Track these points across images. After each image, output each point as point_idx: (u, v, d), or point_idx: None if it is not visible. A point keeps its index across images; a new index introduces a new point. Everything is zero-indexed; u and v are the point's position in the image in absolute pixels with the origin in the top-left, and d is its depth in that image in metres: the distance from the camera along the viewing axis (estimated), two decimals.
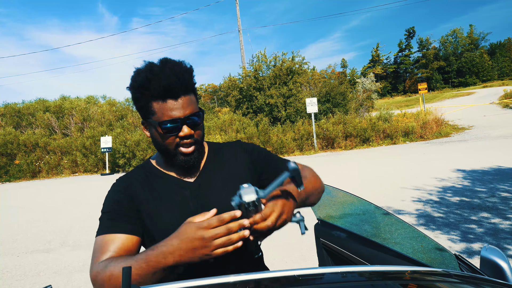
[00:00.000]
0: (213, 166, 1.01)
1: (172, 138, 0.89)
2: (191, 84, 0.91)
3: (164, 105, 0.87)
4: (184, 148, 0.91)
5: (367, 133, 12.17)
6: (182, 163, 0.92)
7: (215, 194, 0.95)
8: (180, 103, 0.88)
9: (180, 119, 0.88)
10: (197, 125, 0.92)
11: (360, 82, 19.40)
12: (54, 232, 4.89)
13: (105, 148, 12.81)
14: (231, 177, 0.99)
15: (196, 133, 0.92)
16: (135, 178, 0.97)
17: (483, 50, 64.51)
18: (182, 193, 0.94)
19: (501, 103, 20.31)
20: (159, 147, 0.93)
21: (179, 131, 0.89)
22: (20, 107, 17.54)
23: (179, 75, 0.86)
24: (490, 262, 0.89)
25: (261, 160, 1.05)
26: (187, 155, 0.91)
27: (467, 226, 3.48)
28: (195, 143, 0.92)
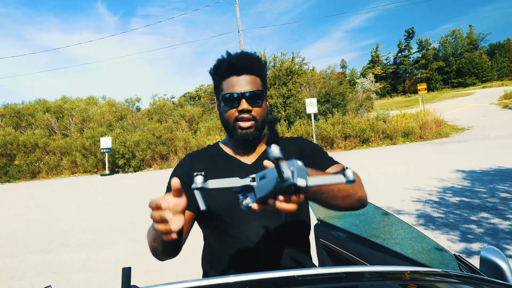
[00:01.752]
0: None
1: (232, 111, 0.96)
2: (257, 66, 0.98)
3: (229, 80, 0.97)
4: (242, 122, 0.95)
5: (366, 134, 12.18)
6: (239, 138, 0.97)
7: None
8: (242, 79, 0.96)
9: (240, 94, 0.95)
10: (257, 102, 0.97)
11: (359, 83, 19.41)
12: (54, 232, 4.88)
13: (104, 149, 12.81)
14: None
15: (255, 110, 0.97)
16: (201, 155, 1.05)
17: (483, 50, 64.56)
18: (239, 172, 0.97)
19: (500, 104, 20.33)
20: (223, 122, 1.00)
21: (238, 105, 0.95)
22: (19, 108, 17.52)
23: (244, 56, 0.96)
24: (490, 262, 0.89)
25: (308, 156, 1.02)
26: (244, 129, 0.95)
27: (467, 226, 3.48)
28: (253, 119, 0.96)
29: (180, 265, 3.20)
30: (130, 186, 9.20)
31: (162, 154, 13.24)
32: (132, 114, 16.85)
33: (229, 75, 0.97)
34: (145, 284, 2.82)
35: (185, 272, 3.05)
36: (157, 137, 13.37)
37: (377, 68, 71.05)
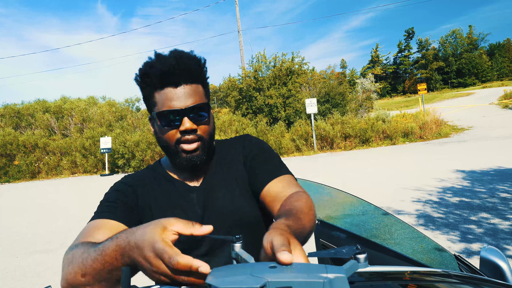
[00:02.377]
0: (220, 166, 0.92)
1: (173, 132, 0.80)
2: (197, 72, 0.81)
3: (163, 94, 0.78)
4: (186, 144, 0.80)
5: (366, 134, 12.18)
6: (184, 163, 0.82)
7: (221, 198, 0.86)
8: (181, 92, 0.78)
9: (181, 111, 0.77)
10: (203, 119, 0.81)
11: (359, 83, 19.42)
12: (53, 232, 4.88)
13: (104, 149, 12.81)
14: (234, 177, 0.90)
15: (201, 128, 0.81)
16: (143, 178, 0.91)
17: (483, 50, 64.59)
18: (188, 197, 0.87)
19: (500, 104, 20.33)
20: (161, 144, 0.84)
21: (179, 125, 0.78)
22: (19, 108, 17.52)
23: (180, 60, 0.77)
24: (490, 263, 0.89)
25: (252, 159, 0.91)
26: (189, 152, 0.80)
27: (467, 226, 3.48)
28: (199, 139, 0.81)
29: None
30: None
31: (162, 154, 13.24)
32: (132, 114, 16.84)
33: (162, 86, 0.78)
34: (145, 284, 2.82)
35: None
36: None
37: (377, 68, 71.07)
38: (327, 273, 0.42)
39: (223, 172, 0.91)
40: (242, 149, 0.94)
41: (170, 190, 0.88)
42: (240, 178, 0.90)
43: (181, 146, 0.80)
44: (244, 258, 0.52)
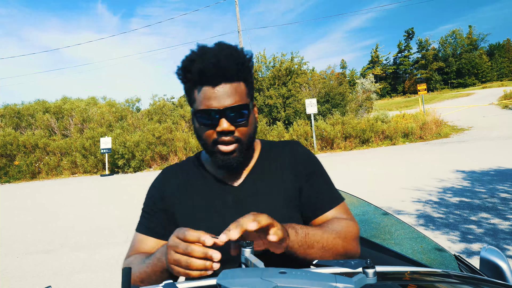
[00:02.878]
0: (262, 169, 0.87)
1: (210, 132, 0.77)
2: (239, 70, 0.76)
3: (202, 91, 0.76)
4: (222, 146, 0.77)
5: (366, 134, 12.18)
6: (220, 163, 0.79)
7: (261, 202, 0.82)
8: (219, 91, 0.74)
9: (218, 111, 0.74)
10: (241, 120, 0.77)
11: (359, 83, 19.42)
12: (54, 233, 4.88)
13: (104, 149, 12.81)
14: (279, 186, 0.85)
15: (239, 130, 0.78)
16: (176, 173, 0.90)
17: (482, 51, 64.62)
18: (224, 197, 0.83)
19: (500, 104, 20.33)
20: (199, 141, 0.82)
21: (216, 125, 0.76)
22: (19, 108, 17.51)
23: (220, 57, 0.73)
24: (490, 263, 0.89)
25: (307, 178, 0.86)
26: (226, 154, 0.78)
27: (467, 226, 3.48)
28: (236, 141, 0.78)
29: None
30: (130, 186, 9.19)
31: (162, 154, 13.24)
32: (132, 114, 16.84)
33: (201, 84, 0.75)
34: None
35: None
36: (157, 137, 13.37)
37: (377, 68, 71.10)
38: (336, 282, 0.43)
39: (266, 177, 0.86)
40: (294, 160, 0.88)
41: (204, 188, 0.86)
42: (287, 189, 0.85)
43: (218, 146, 0.78)
44: (254, 263, 0.52)
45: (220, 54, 0.74)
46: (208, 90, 0.75)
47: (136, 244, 0.86)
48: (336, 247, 0.73)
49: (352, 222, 0.81)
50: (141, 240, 0.86)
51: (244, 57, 0.78)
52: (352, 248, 0.77)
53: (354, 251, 0.77)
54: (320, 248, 0.71)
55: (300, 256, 0.69)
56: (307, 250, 0.69)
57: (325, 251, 0.71)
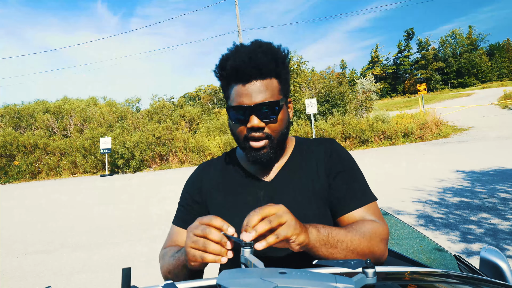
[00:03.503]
0: (294, 165, 0.88)
1: (241, 128, 0.80)
2: (271, 67, 0.77)
3: (235, 89, 0.79)
4: (253, 142, 0.79)
5: (366, 134, 12.18)
6: (251, 159, 0.82)
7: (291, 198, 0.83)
8: (251, 88, 0.77)
9: (249, 107, 0.76)
10: (271, 116, 0.78)
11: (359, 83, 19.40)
12: (53, 233, 4.88)
13: (104, 149, 12.81)
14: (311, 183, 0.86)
15: (269, 126, 0.79)
16: (212, 168, 0.94)
17: (482, 51, 64.63)
18: (256, 193, 0.85)
19: (500, 104, 20.34)
20: (233, 136, 0.85)
21: (247, 121, 0.78)
22: (19, 108, 17.51)
23: (253, 55, 0.75)
24: (490, 263, 0.89)
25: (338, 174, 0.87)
26: (256, 150, 0.80)
27: (467, 226, 3.48)
28: (266, 137, 0.79)
29: None
30: (130, 186, 9.19)
31: (162, 154, 13.24)
32: (132, 114, 16.84)
33: (235, 81, 0.78)
34: (145, 285, 2.82)
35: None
36: (157, 137, 13.37)
37: (377, 68, 71.10)
38: (336, 282, 0.42)
39: (298, 173, 0.87)
40: (327, 158, 0.89)
41: (237, 183, 0.88)
42: (318, 185, 0.85)
43: (249, 142, 0.80)
44: (254, 263, 0.52)
45: (252, 51, 0.76)
46: (240, 87, 0.78)
47: (173, 237, 0.90)
48: (361, 247, 0.72)
49: (379, 224, 0.80)
50: (177, 232, 0.90)
51: (278, 53, 0.80)
52: (378, 249, 0.75)
53: (380, 253, 0.76)
54: (344, 249, 0.70)
55: (321, 256, 0.68)
56: (329, 249, 0.68)
57: (349, 251, 0.70)
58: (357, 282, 0.44)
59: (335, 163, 0.88)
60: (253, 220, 0.58)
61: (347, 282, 0.43)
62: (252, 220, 0.58)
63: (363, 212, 0.82)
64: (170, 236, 0.92)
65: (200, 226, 0.62)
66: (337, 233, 0.70)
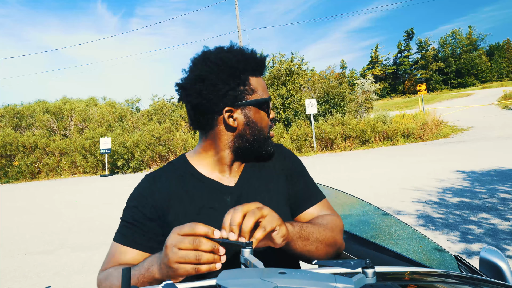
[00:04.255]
0: (253, 168, 0.89)
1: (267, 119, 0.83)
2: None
3: (258, 81, 0.81)
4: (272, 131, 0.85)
5: (366, 135, 12.19)
6: (269, 151, 0.85)
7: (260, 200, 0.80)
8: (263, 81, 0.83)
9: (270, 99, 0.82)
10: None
11: (359, 83, 19.43)
12: (53, 233, 4.88)
13: (104, 150, 12.81)
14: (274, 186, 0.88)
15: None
16: (166, 178, 0.84)
17: (482, 51, 64.70)
18: (222, 198, 0.82)
19: (500, 104, 20.35)
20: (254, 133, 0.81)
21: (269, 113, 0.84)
22: (19, 109, 17.52)
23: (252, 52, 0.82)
24: (490, 263, 0.89)
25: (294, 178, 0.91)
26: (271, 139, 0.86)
27: (467, 227, 3.48)
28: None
29: None
30: (130, 186, 9.18)
31: (161, 155, 13.24)
32: (132, 115, 16.84)
33: (258, 74, 0.82)
34: None
35: None
36: (156, 138, 13.37)
37: (376, 68, 71.16)
38: (336, 282, 0.42)
39: (259, 176, 0.87)
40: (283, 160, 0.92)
41: (201, 191, 0.82)
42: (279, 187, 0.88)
43: (271, 133, 0.85)
44: (254, 263, 0.52)
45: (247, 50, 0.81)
46: (259, 80, 0.81)
47: (117, 256, 0.79)
48: (328, 238, 0.77)
49: (336, 216, 0.86)
50: (122, 252, 0.79)
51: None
52: (339, 239, 0.82)
53: (340, 242, 0.83)
54: (315, 240, 0.73)
55: (297, 250, 0.70)
56: (304, 242, 0.71)
57: (319, 243, 0.74)
58: (357, 282, 0.44)
59: (291, 165, 0.92)
60: (237, 218, 0.57)
61: (347, 282, 0.43)
62: (236, 217, 0.57)
63: (319, 208, 0.88)
64: (112, 256, 0.79)
65: (185, 238, 0.57)
66: (307, 226, 0.74)
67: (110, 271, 0.75)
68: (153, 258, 0.66)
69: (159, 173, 0.85)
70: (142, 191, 0.82)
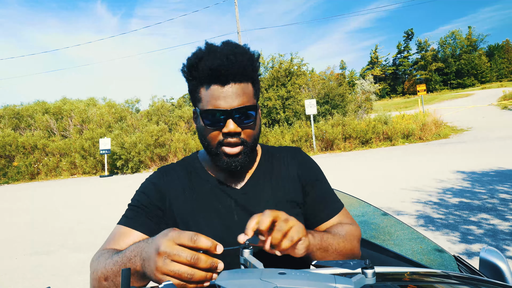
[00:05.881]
0: (264, 173, 0.86)
1: (215, 133, 0.75)
2: (248, 70, 0.74)
3: (210, 91, 0.73)
4: (228, 148, 0.75)
5: (367, 135, 12.19)
6: (224, 166, 0.77)
7: (263, 206, 0.80)
8: (228, 91, 0.72)
9: (226, 111, 0.72)
10: (248, 122, 0.75)
11: (358, 84, 19.42)
12: (53, 234, 4.87)
13: (104, 150, 12.80)
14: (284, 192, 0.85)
15: (245, 132, 0.76)
16: (176, 173, 0.85)
17: (482, 51, 64.75)
18: (226, 201, 0.81)
19: (500, 105, 20.37)
20: (202, 142, 0.80)
21: (223, 126, 0.73)
22: (19, 109, 17.50)
23: (231, 56, 0.71)
24: (489, 263, 0.89)
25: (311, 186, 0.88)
26: (231, 156, 0.76)
27: (467, 227, 3.48)
28: (242, 143, 0.76)
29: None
30: (130, 187, 9.18)
31: (161, 155, 13.23)
32: (131, 115, 16.83)
33: (210, 83, 0.73)
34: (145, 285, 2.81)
35: None
36: (156, 138, 13.37)
37: (376, 69, 71.18)
38: (335, 283, 0.43)
39: (269, 181, 0.85)
40: (298, 167, 0.89)
41: (206, 191, 0.82)
42: (291, 194, 0.85)
43: (223, 148, 0.75)
44: (253, 264, 0.52)
45: (230, 53, 0.71)
46: (217, 89, 0.72)
47: (117, 237, 0.76)
48: (346, 249, 0.75)
49: (355, 226, 0.85)
50: (124, 233, 0.76)
51: (254, 57, 0.77)
52: (356, 250, 0.80)
53: (357, 252, 0.81)
54: (333, 251, 0.72)
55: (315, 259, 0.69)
56: (323, 253, 0.69)
57: (337, 254, 0.73)
58: (356, 283, 0.44)
59: (308, 173, 0.89)
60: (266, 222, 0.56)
61: (347, 282, 0.43)
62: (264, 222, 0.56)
63: (339, 217, 0.86)
64: (112, 238, 0.77)
65: (183, 251, 0.51)
66: (327, 237, 0.72)
67: (103, 252, 0.72)
68: (138, 248, 0.60)
69: (170, 167, 0.88)
70: (152, 181, 0.84)
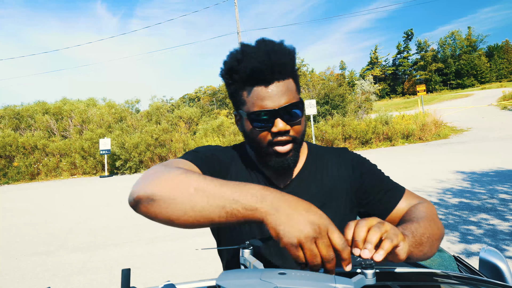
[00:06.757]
0: (309, 172, 0.85)
1: (265, 133, 0.74)
2: (289, 66, 0.74)
3: (254, 92, 0.72)
4: (279, 146, 0.74)
5: (367, 135, 12.19)
6: (275, 165, 0.76)
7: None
8: (273, 90, 0.71)
9: (273, 111, 0.71)
10: (296, 119, 0.74)
11: (358, 84, 19.42)
12: (53, 234, 4.87)
13: (104, 150, 12.79)
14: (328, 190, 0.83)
15: (294, 129, 0.75)
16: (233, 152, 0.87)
17: (481, 52, 64.81)
18: None
19: (499, 105, 20.37)
20: (250, 144, 0.79)
21: (271, 126, 0.73)
22: (19, 110, 17.49)
23: (272, 55, 0.70)
24: (489, 263, 0.90)
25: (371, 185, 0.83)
26: (282, 155, 0.75)
27: (466, 227, 3.48)
28: (292, 141, 0.75)
29: (179, 266, 3.19)
30: (129, 187, 9.17)
31: (161, 156, 13.23)
32: (131, 115, 16.83)
33: (253, 84, 0.72)
34: (145, 285, 2.81)
35: (183, 274, 3.04)
36: (155, 138, 13.37)
37: (376, 69, 71.21)
38: (335, 283, 0.42)
39: (316, 180, 0.84)
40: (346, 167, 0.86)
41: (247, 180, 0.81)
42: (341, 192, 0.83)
43: (274, 148, 0.74)
44: (254, 264, 0.52)
45: (270, 51, 0.71)
46: (261, 90, 0.71)
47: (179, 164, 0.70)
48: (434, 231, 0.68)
49: (427, 203, 0.79)
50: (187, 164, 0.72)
51: (292, 52, 0.76)
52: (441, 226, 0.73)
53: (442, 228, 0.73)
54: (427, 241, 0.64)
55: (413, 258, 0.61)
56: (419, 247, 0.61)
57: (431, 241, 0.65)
58: (356, 283, 0.44)
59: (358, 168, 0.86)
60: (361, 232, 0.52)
61: (346, 283, 0.43)
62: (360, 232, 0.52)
63: (406, 201, 0.81)
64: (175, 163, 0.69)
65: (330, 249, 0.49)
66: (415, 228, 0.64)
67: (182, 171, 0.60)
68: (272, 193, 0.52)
69: (231, 147, 0.90)
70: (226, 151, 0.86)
